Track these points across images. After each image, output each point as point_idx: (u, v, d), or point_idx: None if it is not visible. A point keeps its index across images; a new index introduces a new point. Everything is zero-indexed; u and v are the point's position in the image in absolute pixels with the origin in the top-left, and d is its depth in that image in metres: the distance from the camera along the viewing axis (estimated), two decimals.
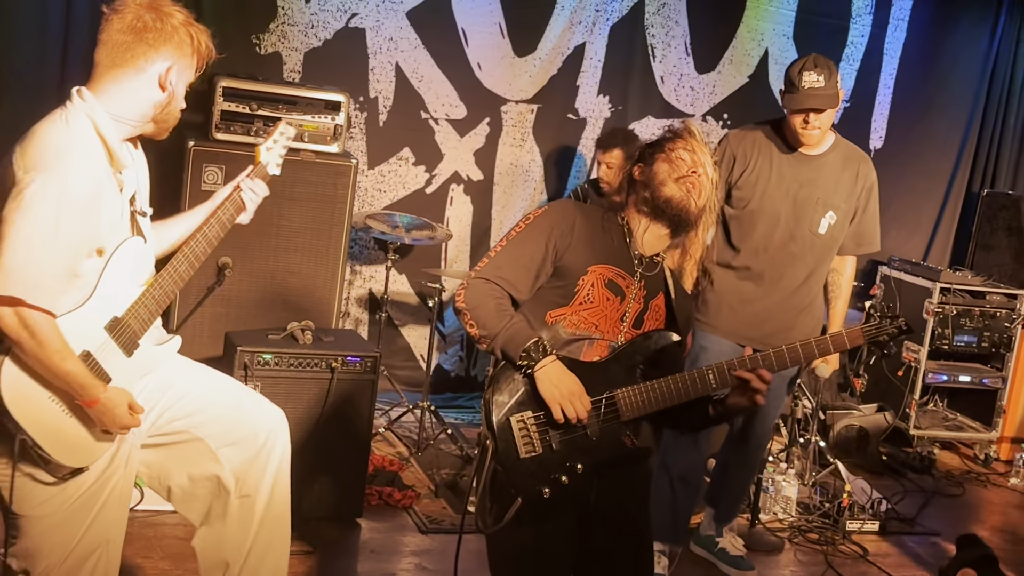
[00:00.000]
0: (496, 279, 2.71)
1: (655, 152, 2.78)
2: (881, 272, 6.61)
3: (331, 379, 4.27)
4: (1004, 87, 6.87)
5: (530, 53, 5.88)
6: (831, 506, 5.04)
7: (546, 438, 2.67)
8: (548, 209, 2.80)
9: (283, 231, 4.75)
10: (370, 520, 4.45)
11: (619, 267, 2.78)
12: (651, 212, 2.77)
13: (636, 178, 2.80)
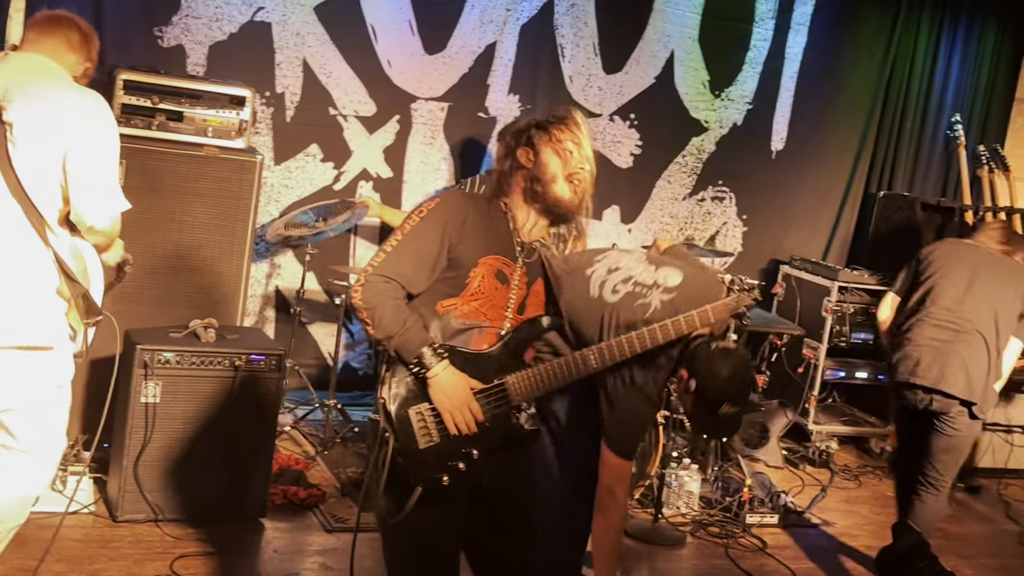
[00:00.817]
0: (394, 275, 2.71)
1: (541, 136, 2.80)
2: (782, 271, 6.77)
3: (234, 378, 4.22)
4: (901, 91, 7.06)
5: (440, 51, 5.88)
6: (732, 500, 5.15)
7: (443, 427, 2.73)
8: (440, 202, 2.81)
9: (186, 227, 4.67)
10: (274, 520, 4.41)
11: (505, 256, 2.83)
12: (540, 208, 2.84)
13: (523, 164, 2.82)
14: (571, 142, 2.80)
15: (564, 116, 2.83)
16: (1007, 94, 7.31)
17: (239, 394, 4.23)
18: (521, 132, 2.84)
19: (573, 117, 2.83)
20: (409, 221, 2.77)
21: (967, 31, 7.12)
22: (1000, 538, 5.49)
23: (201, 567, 3.95)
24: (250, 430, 4.29)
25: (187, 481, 4.22)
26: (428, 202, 2.81)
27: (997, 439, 6.28)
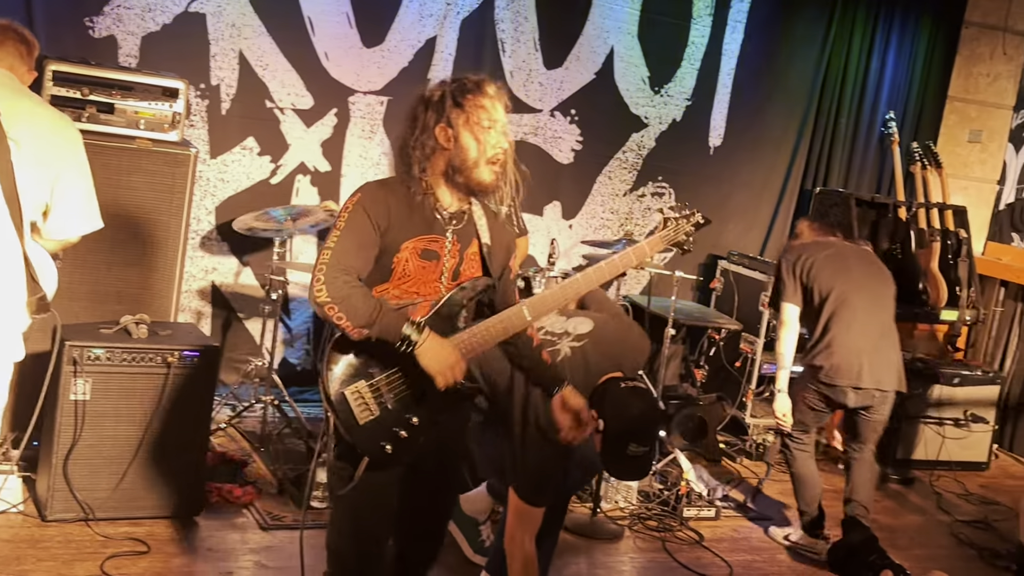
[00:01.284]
0: (347, 267, 2.75)
1: (459, 116, 2.80)
2: (720, 266, 6.82)
3: (167, 374, 4.16)
4: (836, 89, 7.14)
5: (379, 44, 5.83)
6: (670, 494, 5.19)
7: (381, 401, 2.85)
8: (361, 194, 2.86)
9: (117, 221, 4.57)
10: (208, 518, 4.36)
11: (430, 234, 2.88)
12: (462, 190, 2.89)
13: (442, 145, 2.83)
14: (487, 119, 2.82)
15: (478, 88, 2.83)
16: (940, 92, 7.44)
17: (172, 391, 4.17)
18: (438, 106, 2.83)
19: (486, 90, 2.84)
20: (340, 218, 2.82)
21: (901, 29, 7.23)
22: (932, 529, 5.58)
23: (132, 567, 3.89)
24: (183, 427, 4.23)
25: (118, 479, 4.15)
26: (348, 201, 2.85)
27: (930, 432, 6.40)
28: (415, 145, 2.85)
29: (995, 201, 7.90)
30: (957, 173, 7.39)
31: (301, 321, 5.98)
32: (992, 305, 7.27)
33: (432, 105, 2.84)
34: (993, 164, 7.66)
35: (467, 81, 2.85)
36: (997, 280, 7.27)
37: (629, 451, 3.28)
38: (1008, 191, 8.16)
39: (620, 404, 3.31)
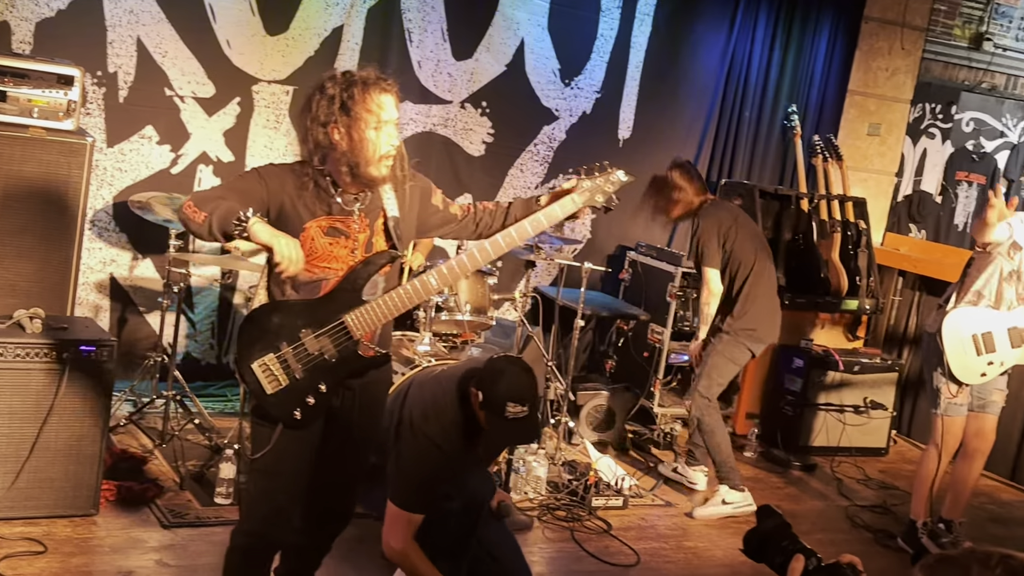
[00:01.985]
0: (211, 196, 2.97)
1: (351, 117, 2.89)
2: (629, 257, 6.88)
3: (62, 370, 4.04)
4: (740, 81, 7.23)
5: (283, 32, 5.74)
6: (579, 484, 5.22)
7: (289, 370, 3.02)
8: (257, 168, 3.04)
9: (10, 211, 4.43)
10: (107, 516, 4.26)
11: (335, 214, 3.02)
12: (357, 183, 3.02)
13: (335, 143, 2.93)
14: (376, 122, 2.92)
15: (366, 91, 2.90)
16: (841, 86, 7.59)
17: (68, 387, 4.06)
18: (330, 105, 2.90)
19: (375, 92, 2.91)
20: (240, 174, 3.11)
21: (803, 23, 7.35)
22: (832, 513, 5.71)
23: (29, 568, 3.78)
24: (80, 424, 4.12)
25: (12, 478, 4.02)
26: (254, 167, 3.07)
27: (831, 419, 6.55)
28: (310, 138, 2.96)
29: (894, 193, 8.12)
30: (857, 165, 7.57)
31: (204, 315, 5.87)
32: (891, 294, 7.46)
33: (326, 101, 2.91)
34: (892, 157, 7.86)
35: (356, 82, 2.92)
36: (895, 270, 7.46)
37: (508, 412, 3.35)
38: (906, 183, 8.40)
39: (494, 370, 3.45)
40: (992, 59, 8.49)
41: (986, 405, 5.04)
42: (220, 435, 5.07)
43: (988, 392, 5.01)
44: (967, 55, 8.44)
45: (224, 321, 5.94)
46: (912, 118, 8.12)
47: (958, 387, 4.91)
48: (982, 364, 4.86)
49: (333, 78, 2.95)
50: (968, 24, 8.42)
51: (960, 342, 4.84)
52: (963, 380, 4.88)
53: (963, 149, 8.57)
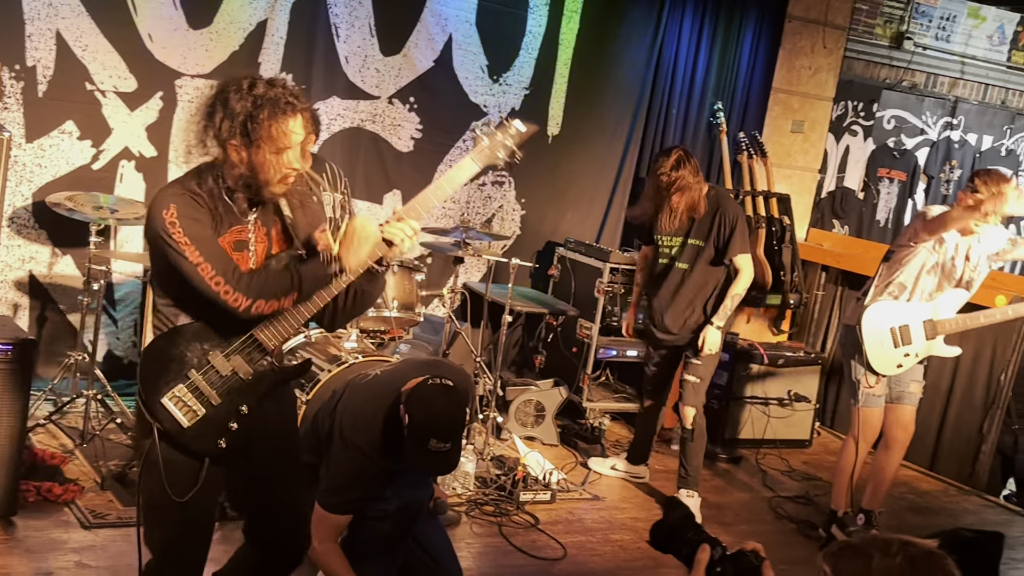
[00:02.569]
0: (231, 269, 2.76)
1: (253, 138, 2.72)
2: (558, 253, 6.92)
3: None
4: (668, 78, 7.29)
5: (206, 26, 5.66)
6: (507, 479, 5.24)
7: (203, 398, 2.83)
8: (173, 208, 2.74)
9: None
10: (26, 517, 4.18)
11: (237, 225, 2.86)
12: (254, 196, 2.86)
13: (233, 160, 2.77)
14: (283, 145, 2.76)
15: (274, 112, 2.72)
16: (765, 84, 7.69)
17: None
18: (232, 121, 2.72)
19: (288, 108, 2.74)
20: (174, 241, 2.73)
21: (728, 22, 7.43)
22: (757, 504, 5.81)
23: None
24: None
25: None
26: (165, 213, 2.73)
27: (756, 411, 6.65)
28: (205, 150, 2.80)
29: (817, 189, 8.26)
30: (781, 162, 7.69)
31: (127, 312, 5.78)
32: (814, 289, 7.60)
33: (228, 119, 2.73)
34: (815, 153, 8.00)
35: (263, 104, 2.71)
36: (819, 265, 7.60)
37: (430, 446, 3.31)
38: (829, 179, 8.57)
39: (425, 398, 3.36)
40: (912, 58, 8.69)
41: (904, 396, 5.16)
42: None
43: (906, 383, 5.14)
44: (888, 54, 8.63)
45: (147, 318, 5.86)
46: (835, 116, 8.27)
47: (876, 378, 5.02)
48: (899, 356, 4.98)
49: (239, 91, 2.73)
50: (889, 23, 8.60)
51: (878, 335, 4.95)
52: (880, 371, 5.00)
53: (884, 146, 8.76)
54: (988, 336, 6.50)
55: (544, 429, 6.13)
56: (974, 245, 4.92)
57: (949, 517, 6.00)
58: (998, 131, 9.17)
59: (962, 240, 4.91)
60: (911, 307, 4.97)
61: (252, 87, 2.74)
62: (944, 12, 8.78)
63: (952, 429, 6.74)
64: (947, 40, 8.86)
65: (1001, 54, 9.07)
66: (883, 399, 5.09)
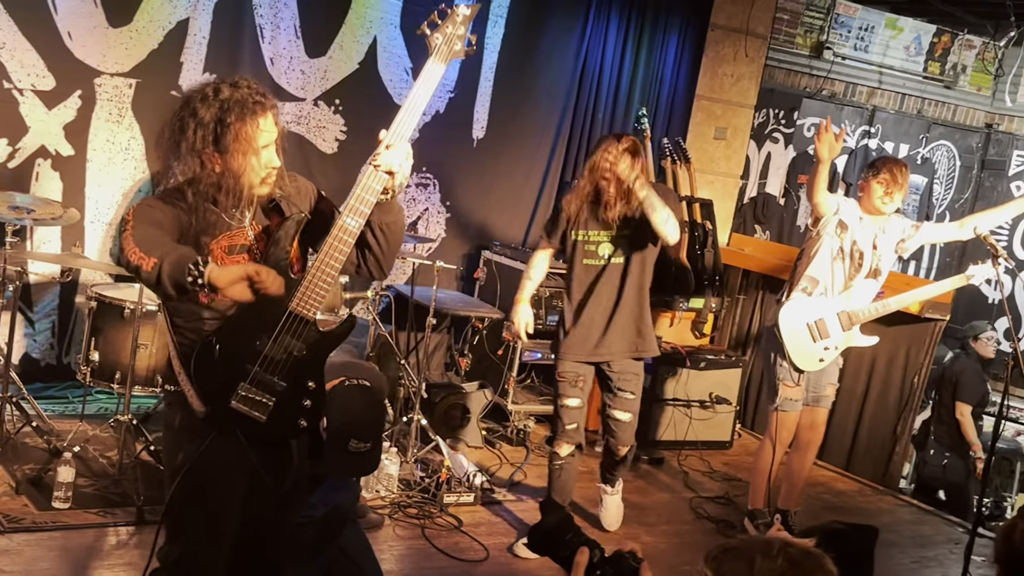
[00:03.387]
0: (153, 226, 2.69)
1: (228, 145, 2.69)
2: (484, 256, 6.95)
3: None
4: (593, 83, 7.36)
5: (126, 24, 5.59)
6: (430, 481, 5.25)
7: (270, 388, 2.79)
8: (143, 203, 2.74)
9: None
10: None
11: (228, 229, 2.81)
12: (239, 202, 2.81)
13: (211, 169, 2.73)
14: (259, 144, 2.73)
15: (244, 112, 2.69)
16: (689, 91, 7.81)
17: None
18: (204, 127, 2.68)
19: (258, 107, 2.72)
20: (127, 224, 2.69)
21: (652, 30, 7.54)
22: (678, 505, 5.88)
23: None
24: None
25: None
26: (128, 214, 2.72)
27: (678, 413, 6.75)
28: (183, 164, 2.73)
29: (739, 195, 8.41)
30: (704, 168, 7.81)
31: (44, 313, 5.67)
32: (736, 293, 7.73)
33: (200, 129, 2.69)
34: (737, 160, 8.15)
35: (231, 107, 2.69)
36: (740, 269, 7.73)
37: (350, 447, 3.33)
38: (751, 186, 8.72)
39: (343, 400, 3.37)
40: (832, 67, 8.89)
41: (819, 399, 5.28)
42: (59, 438, 4.92)
43: (821, 387, 5.25)
44: (808, 63, 8.82)
45: (65, 320, 5.75)
46: (756, 123, 8.43)
47: (799, 375, 5.11)
48: (819, 350, 5.10)
49: (205, 98, 2.70)
50: (809, 33, 8.79)
51: (796, 332, 5.06)
52: (803, 367, 5.10)
53: (805, 153, 8.94)
54: (902, 340, 6.68)
55: (469, 431, 6.15)
56: (880, 235, 5.07)
57: (864, 516, 6.14)
58: (914, 140, 9.42)
59: (867, 227, 5.04)
60: (825, 301, 5.08)
61: (217, 92, 2.71)
62: (863, 23, 9.00)
63: (867, 431, 6.90)
64: (865, 50, 9.08)
65: (917, 64, 9.33)
66: (800, 403, 5.20)
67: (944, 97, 9.49)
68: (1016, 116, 9.50)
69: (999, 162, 9.42)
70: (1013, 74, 9.41)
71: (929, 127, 9.45)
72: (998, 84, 9.52)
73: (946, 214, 9.46)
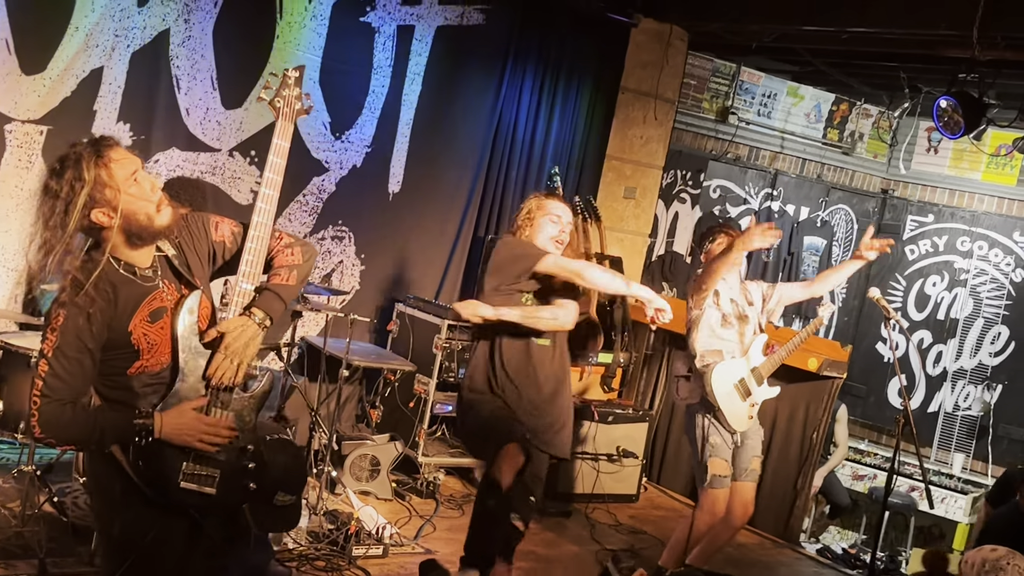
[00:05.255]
0: (59, 399, 2.68)
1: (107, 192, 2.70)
2: (397, 309, 7.00)
3: None
4: (507, 141, 7.53)
5: (39, 72, 5.56)
6: (340, 533, 5.23)
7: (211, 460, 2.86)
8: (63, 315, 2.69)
9: None
10: None
11: (145, 297, 2.81)
12: (150, 244, 2.84)
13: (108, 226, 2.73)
14: (128, 173, 2.76)
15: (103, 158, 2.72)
16: (600, 151, 8.03)
17: None
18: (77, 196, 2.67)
19: (112, 155, 2.74)
20: (47, 342, 2.69)
21: (565, 91, 7.75)
22: (585, 558, 5.96)
23: None
24: None
25: None
26: (55, 318, 2.69)
27: (587, 467, 6.84)
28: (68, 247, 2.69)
29: (648, 253, 8.62)
30: (614, 226, 8.00)
31: None
32: (643, 348, 7.89)
33: (71, 200, 2.67)
34: (646, 219, 8.36)
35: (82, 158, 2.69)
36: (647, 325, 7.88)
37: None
38: (659, 244, 8.95)
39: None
40: (737, 131, 9.21)
41: (746, 473, 5.35)
42: None
43: (748, 460, 5.34)
44: (714, 127, 9.13)
45: None
46: (665, 183, 8.68)
47: (731, 448, 5.22)
48: (748, 408, 5.26)
49: (55, 173, 2.70)
50: (715, 98, 9.11)
51: (727, 395, 5.19)
52: (737, 428, 5.23)
53: (710, 213, 9.22)
54: (801, 397, 6.89)
55: (379, 483, 6.16)
56: (752, 288, 5.35)
57: (763, 569, 6.29)
58: (814, 203, 9.77)
59: (733, 283, 5.29)
60: (736, 362, 5.25)
61: (61, 162, 2.72)
62: (766, 90, 9.36)
63: (769, 485, 7.07)
64: (768, 116, 9.43)
65: (817, 131, 9.71)
66: (729, 479, 5.24)
67: (842, 163, 9.89)
68: (910, 183, 9.94)
69: (894, 226, 9.82)
70: (907, 143, 9.86)
71: (828, 191, 9.81)
72: (893, 152, 9.96)
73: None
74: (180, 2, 5.98)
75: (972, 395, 9.29)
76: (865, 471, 9.01)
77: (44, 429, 2.67)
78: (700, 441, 5.22)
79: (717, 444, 5.18)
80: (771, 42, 7.53)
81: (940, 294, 9.58)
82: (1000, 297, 9.27)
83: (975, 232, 9.47)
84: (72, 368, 2.69)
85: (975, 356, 9.35)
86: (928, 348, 9.54)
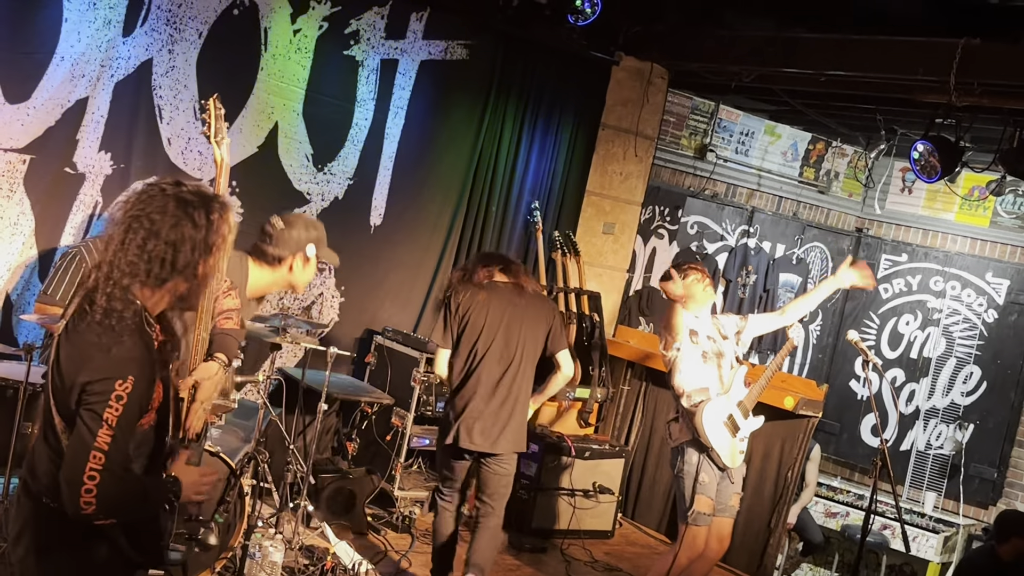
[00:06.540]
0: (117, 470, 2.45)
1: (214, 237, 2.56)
2: (376, 341, 7.00)
3: None
4: (488, 177, 7.56)
5: (24, 101, 5.54)
6: (315, 569, 5.21)
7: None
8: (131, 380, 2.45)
9: None
10: None
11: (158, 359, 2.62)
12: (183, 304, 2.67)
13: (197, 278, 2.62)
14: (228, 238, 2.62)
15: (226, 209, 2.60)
16: (579, 186, 8.08)
17: None
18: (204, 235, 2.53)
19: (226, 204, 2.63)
20: (111, 408, 2.42)
21: (545, 127, 7.82)
22: None
23: None
24: None
25: None
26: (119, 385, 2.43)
27: (563, 502, 6.84)
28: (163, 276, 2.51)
29: (625, 288, 8.67)
30: (593, 261, 8.05)
31: None
32: (620, 384, 7.92)
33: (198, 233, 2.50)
34: (624, 254, 8.42)
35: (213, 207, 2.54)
36: (625, 361, 7.93)
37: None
38: (637, 279, 9.00)
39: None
40: (715, 169, 9.30)
41: (726, 509, 5.40)
42: None
43: (728, 497, 5.38)
44: (693, 164, 9.22)
45: None
46: (643, 219, 8.74)
47: (716, 484, 5.26)
48: (738, 443, 5.30)
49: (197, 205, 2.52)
50: (694, 136, 9.21)
51: (718, 432, 5.23)
52: (729, 464, 5.28)
53: (687, 249, 9.29)
54: (776, 436, 6.93)
55: (354, 517, 6.13)
56: (723, 321, 5.44)
57: None
58: (790, 240, 9.87)
59: (706, 322, 5.37)
60: (721, 399, 5.28)
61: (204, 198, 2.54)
62: (744, 128, 9.47)
63: (743, 522, 7.07)
64: (746, 154, 9.54)
65: (794, 169, 9.83)
66: (711, 517, 5.28)
67: (818, 201, 10.01)
68: (884, 222, 10.07)
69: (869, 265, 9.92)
70: (882, 183, 9.99)
71: (804, 229, 9.91)
72: (868, 191, 10.09)
73: (819, 312, 9.88)
74: (164, 32, 6.00)
75: (944, 434, 9.37)
76: (838, 508, 9.06)
77: (102, 506, 2.40)
78: (690, 478, 5.24)
79: (705, 483, 5.23)
80: (750, 82, 7.63)
81: (913, 333, 9.68)
82: (973, 337, 9.38)
83: (948, 272, 9.59)
84: (130, 436, 2.50)
85: (947, 395, 9.44)
86: (901, 387, 9.63)
